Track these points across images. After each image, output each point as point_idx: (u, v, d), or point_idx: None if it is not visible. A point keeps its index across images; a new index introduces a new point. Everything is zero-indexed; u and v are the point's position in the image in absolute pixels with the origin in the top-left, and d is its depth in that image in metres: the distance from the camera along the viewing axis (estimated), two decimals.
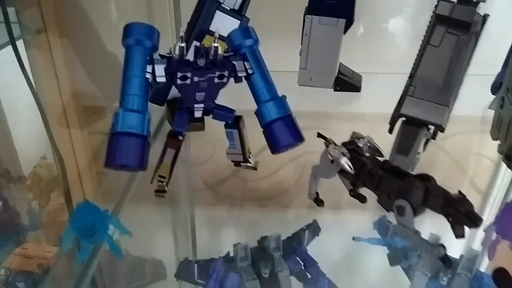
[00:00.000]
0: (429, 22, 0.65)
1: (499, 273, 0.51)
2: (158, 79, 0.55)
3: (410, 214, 0.51)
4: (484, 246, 0.54)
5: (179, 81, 0.57)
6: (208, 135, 0.80)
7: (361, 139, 0.61)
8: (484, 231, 0.54)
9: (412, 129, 0.69)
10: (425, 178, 0.53)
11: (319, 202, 0.65)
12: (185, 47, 0.57)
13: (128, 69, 0.55)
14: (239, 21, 0.76)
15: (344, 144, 0.60)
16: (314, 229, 0.61)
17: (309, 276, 0.56)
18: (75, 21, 0.95)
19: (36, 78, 0.80)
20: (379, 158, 0.60)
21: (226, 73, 0.59)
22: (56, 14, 0.88)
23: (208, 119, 0.66)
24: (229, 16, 0.75)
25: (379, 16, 1.06)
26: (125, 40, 0.56)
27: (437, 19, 0.63)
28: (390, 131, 0.72)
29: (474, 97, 0.83)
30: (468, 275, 0.52)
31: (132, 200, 0.74)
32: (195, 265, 0.55)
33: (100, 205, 0.58)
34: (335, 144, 0.60)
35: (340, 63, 0.98)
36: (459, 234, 0.48)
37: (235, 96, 0.65)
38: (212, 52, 0.58)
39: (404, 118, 0.69)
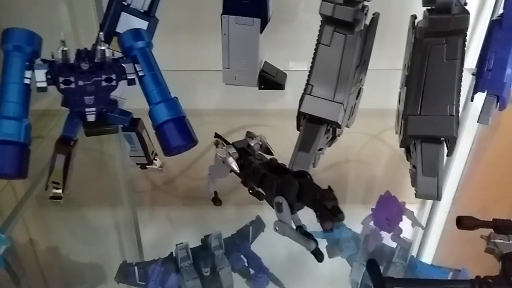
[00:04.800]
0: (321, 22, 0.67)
1: None
2: (38, 85, 0.55)
3: (287, 210, 0.53)
4: (362, 236, 0.56)
5: (62, 86, 0.57)
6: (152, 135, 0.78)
7: (253, 139, 0.62)
8: (362, 223, 0.57)
9: (313, 126, 0.70)
10: (302, 175, 0.54)
11: (216, 201, 0.66)
12: (68, 50, 0.57)
13: (5, 76, 0.54)
14: (147, 22, 0.76)
15: (235, 143, 0.61)
16: (258, 225, 0.62)
17: (252, 272, 0.56)
18: None
19: None
20: (268, 157, 0.61)
21: (114, 76, 0.59)
22: None
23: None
24: (135, 17, 0.76)
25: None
26: (3, 45, 0.55)
27: (324, 19, 0.64)
28: (298, 128, 0.74)
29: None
30: (403, 263, 0.55)
31: (73, 204, 0.73)
32: (135, 267, 0.55)
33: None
34: (226, 144, 0.61)
35: (265, 61, 0.99)
36: (326, 228, 0.50)
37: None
38: (99, 55, 0.58)
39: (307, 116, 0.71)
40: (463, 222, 0.59)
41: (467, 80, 0.81)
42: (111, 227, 0.74)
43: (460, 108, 0.95)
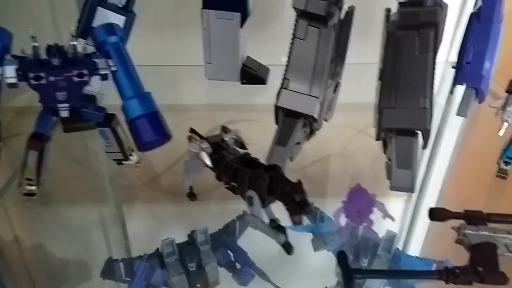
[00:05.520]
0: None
1: None
2: (8, 81, 0.55)
3: (258, 204, 0.53)
4: (335, 229, 0.57)
5: (33, 82, 0.56)
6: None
7: (228, 133, 0.63)
8: (333, 216, 0.57)
9: (290, 120, 0.71)
10: (273, 169, 0.54)
11: (191, 196, 0.66)
12: (39, 46, 0.56)
13: None
14: (125, 17, 0.75)
15: (209, 138, 0.62)
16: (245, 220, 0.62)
17: (238, 266, 0.56)
18: None
19: None
20: (244, 151, 0.61)
21: (86, 72, 0.59)
22: None
23: None
24: (112, 12, 0.75)
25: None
26: None
27: (298, 13, 0.64)
28: (276, 122, 0.74)
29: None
30: (388, 256, 0.55)
31: (58, 201, 0.73)
32: (121, 263, 0.55)
33: None
34: (201, 139, 0.61)
35: (247, 56, 0.99)
36: (295, 221, 0.50)
37: None
38: (71, 51, 0.58)
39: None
40: (435, 214, 0.59)
41: (450, 73, 0.82)
42: (97, 223, 0.74)
43: (444, 102, 0.97)
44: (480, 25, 0.82)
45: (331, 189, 0.78)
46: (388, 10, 0.68)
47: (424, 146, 0.69)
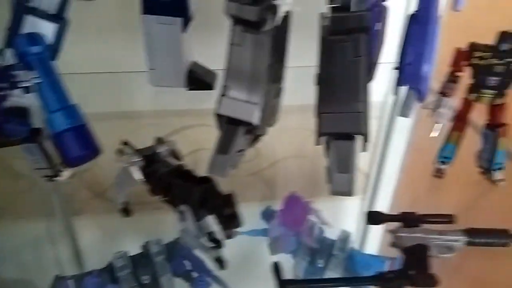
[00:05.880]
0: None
1: None
2: None
3: (191, 219, 0.52)
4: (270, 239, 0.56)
5: None
6: None
7: (162, 145, 0.61)
8: (269, 226, 0.56)
9: (231, 128, 0.69)
10: (206, 181, 0.53)
11: (125, 212, 0.63)
12: None
13: None
14: (57, 25, 0.72)
15: (142, 151, 0.59)
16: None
17: (196, 275, 0.55)
18: None
19: None
20: (178, 163, 0.60)
21: (6, 85, 0.56)
22: None
23: None
24: (42, 20, 0.71)
25: None
26: None
27: (233, 19, 0.63)
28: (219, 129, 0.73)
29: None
30: (343, 255, 0.56)
31: (3, 217, 0.70)
32: (69, 281, 0.52)
33: None
34: (134, 152, 0.59)
35: (193, 61, 0.98)
36: (227, 236, 0.49)
37: None
38: None
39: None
40: (372, 217, 0.60)
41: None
42: (45, 239, 0.70)
43: (392, 103, 0.98)
44: (418, 26, 0.84)
45: (288, 191, 0.78)
46: (323, 15, 0.68)
47: (364, 149, 0.70)
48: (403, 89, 0.88)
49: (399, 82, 0.89)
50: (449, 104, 0.63)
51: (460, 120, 0.65)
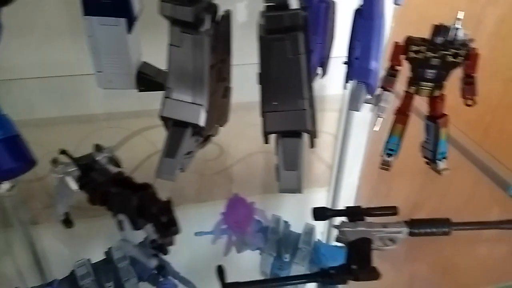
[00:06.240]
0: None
1: None
2: None
3: (129, 228, 0.51)
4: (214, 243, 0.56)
5: None
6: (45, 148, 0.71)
7: (101, 152, 0.59)
8: (213, 230, 0.56)
9: (178, 130, 0.68)
10: (144, 188, 0.52)
11: (66, 223, 0.61)
12: None
13: None
14: None
15: (78, 159, 0.57)
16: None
17: (161, 278, 0.54)
18: None
19: None
20: (117, 170, 0.58)
21: None
22: None
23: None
24: None
25: None
26: None
27: (169, 20, 0.61)
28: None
29: None
30: (308, 248, 0.57)
31: None
32: None
33: None
34: (72, 161, 0.57)
35: (144, 62, 0.95)
36: (168, 243, 0.48)
37: None
38: None
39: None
40: (316, 213, 0.60)
41: None
42: (4, 250, 0.67)
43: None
44: (364, 21, 0.84)
45: (255, 187, 0.78)
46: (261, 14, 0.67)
47: (312, 145, 0.70)
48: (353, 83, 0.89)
49: (348, 76, 0.90)
50: (389, 98, 0.64)
51: (402, 113, 0.66)
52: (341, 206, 0.71)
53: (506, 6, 1.35)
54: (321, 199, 0.79)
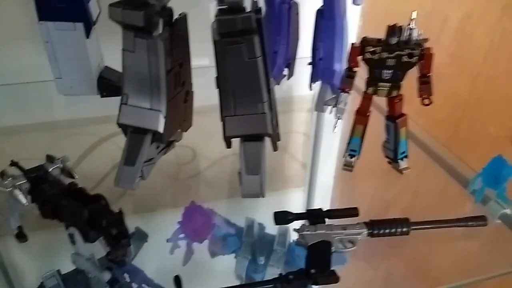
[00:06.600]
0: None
1: None
2: None
3: (80, 241, 0.49)
4: (173, 251, 0.55)
5: None
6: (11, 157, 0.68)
7: (53, 162, 0.57)
8: (170, 239, 0.55)
9: (137, 137, 0.67)
10: (95, 200, 0.50)
11: (20, 237, 0.59)
12: None
13: None
14: None
15: (28, 171, 0.55)
16: (139, 236, 0.58)
17: (135, 286, 0.53)
18: None
19: None
20: (70, 181, 0.56)
21: None
22: None
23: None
24: None
25: None
26: None
27: (122, 25, 0.60)
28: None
29: None
30: (283, 249, 0.57)
31: None
32: None
33: None
34: (21, 173, 0.55)
35: (106, 66, 0.93)
36: (122, 255, 0.47)
37: None
38: None
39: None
40: (277, 217, 0.60)
41: None
42: None
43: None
44: (326, 22, 0.85)
45: (229, 190, 0.77)
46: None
47: (274, 148, 0.70)
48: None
49: (313, 77, 0.90)
50: (347, 100, 0.64)
51: (362, 114, 0.67)
52: (316, 206, 0.70)
53: (471, 2, 1.38)
54: (297, 199, 0.79)
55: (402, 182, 0.76)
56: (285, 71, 0.97)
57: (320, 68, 0.87)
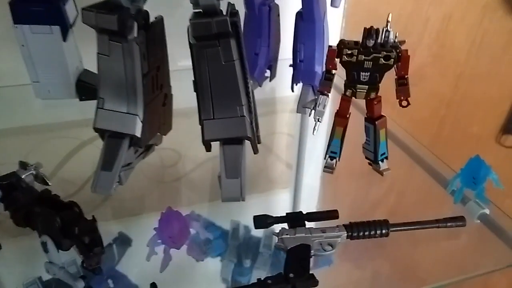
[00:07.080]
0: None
1: None
2: None
3: (53, 249, 0.48)
4: (150, 257, 0.54)
5: None
6: None
7: (25, 169, 0.56)
8: (148, 245, 0.54)
9: (114, 142, 0.65)
10: (68, 207, 0.49)
11: None
12: None
13: None
14: None
15: (0, 178, 0.54)
16: (123, 241, 0.58)
17: None
18: None
19: None
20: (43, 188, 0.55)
21: None
22: None
23: None
24: None
25: None
26: None
27: (96, 29, 0.59)
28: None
29: None
30: (269, 252, 0.57)
31: None
32: None
33: None
34: None
35: (84, 69, 0.91)
36: (89, 266, 0.46)
37: None
38: None
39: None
40: (257, 221, 0.59)
41: None
42: None
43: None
44: (305, 24, 0.85)
45: (215, 193, 0.75)
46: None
47: (255, 151, 0.69)
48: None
49: (295, 79, 0.90)
50: (326, 102, 0.64)
51: (341, 116, 0.67)
52: (302, 207, 0.70)
53: (452, 3, 1.40)
54: (284, 200, 0.79)
55: (385, 183, 0.76)
56: (267, 73, 0.97)
57: (301, 70, 0.87)
